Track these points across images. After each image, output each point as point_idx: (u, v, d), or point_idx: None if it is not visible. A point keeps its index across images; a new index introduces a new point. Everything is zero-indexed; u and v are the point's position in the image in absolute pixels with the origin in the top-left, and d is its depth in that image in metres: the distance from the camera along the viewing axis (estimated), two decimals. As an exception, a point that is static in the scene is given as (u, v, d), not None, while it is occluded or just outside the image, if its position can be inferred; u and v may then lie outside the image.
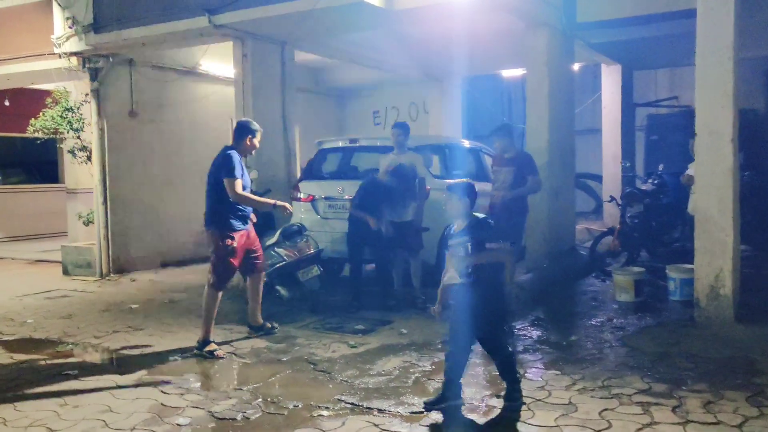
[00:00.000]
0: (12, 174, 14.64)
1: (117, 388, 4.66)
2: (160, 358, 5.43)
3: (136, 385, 4.71)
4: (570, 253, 8.74)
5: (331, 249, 7.72)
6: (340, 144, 8.38)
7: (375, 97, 14.13)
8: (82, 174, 10.13)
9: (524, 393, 4.16)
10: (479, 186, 9.76)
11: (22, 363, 5.34)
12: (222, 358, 5.35)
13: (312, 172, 8.31)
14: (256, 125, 5.76)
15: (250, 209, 5.70)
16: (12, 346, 5.93)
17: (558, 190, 8.24)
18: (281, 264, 6.70)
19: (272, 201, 5.80)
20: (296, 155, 9.30)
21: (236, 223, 5.56)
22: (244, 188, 5.52)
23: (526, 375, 4.67)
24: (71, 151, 9.90)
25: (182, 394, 4.51)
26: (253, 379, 4.88)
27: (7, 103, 11.56)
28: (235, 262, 5.58)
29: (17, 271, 10.33)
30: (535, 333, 5.89)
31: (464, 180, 4.43)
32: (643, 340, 5.53)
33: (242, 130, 5.69)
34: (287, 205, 5.81)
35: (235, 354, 5.49)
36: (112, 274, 9.37)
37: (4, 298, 8.04)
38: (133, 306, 7.44)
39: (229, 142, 5.75)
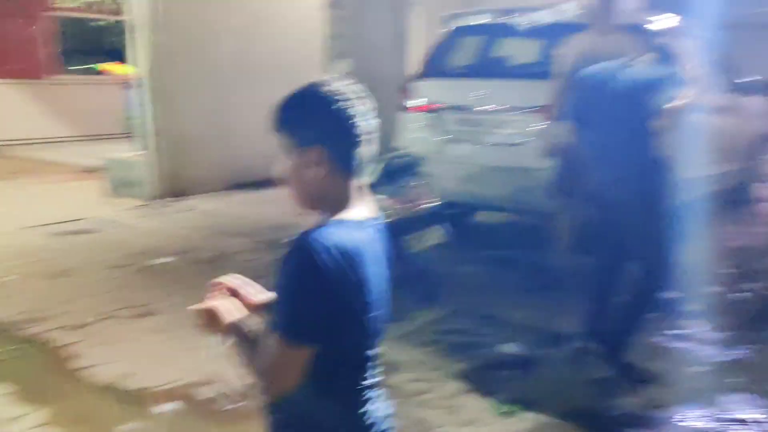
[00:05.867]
0: (80, 62, 12.21)
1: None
2: (138, 403, 2.92)
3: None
4: None
5: (459, 190, 4.83)
6: (489, 20, 5.18)
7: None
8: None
9: None
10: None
11: None
12: None
13: (436, 65, 5.28)
14: None
15: None
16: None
17: None
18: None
19: None
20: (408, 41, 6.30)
21: None
22: None
23: None
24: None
25: None
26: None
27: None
28: None
29: (57, 184, 8.11)
30: None
31: None
32: None
33: None
34: None
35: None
36: (167, 198, 7.03)
37: (10, 227, 5.85)
38: (165, 260, 5.00)
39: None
